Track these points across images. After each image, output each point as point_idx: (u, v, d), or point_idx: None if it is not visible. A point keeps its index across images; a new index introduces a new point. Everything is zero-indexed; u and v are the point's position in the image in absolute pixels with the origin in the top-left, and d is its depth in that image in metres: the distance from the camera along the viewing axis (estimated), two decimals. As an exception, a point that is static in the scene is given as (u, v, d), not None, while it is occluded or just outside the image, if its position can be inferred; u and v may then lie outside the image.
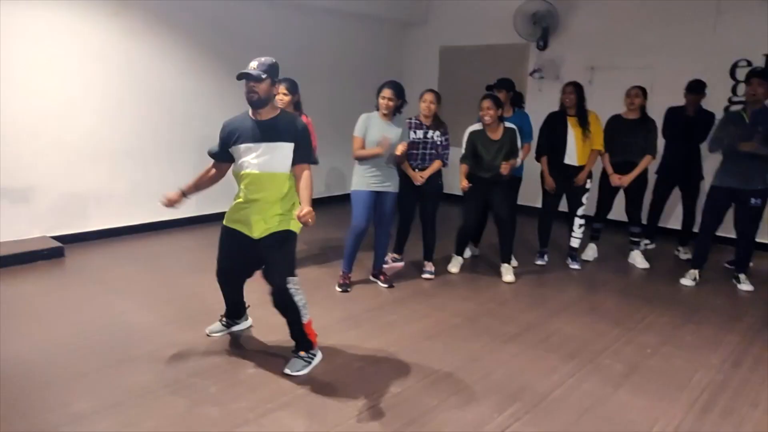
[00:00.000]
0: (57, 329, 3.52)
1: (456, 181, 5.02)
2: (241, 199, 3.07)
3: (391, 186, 4.37)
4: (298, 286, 3.04)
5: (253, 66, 2.91)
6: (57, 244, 4.92)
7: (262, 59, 2.94)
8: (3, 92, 4.69)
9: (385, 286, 4.47)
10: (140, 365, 3.12)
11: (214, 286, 3.36)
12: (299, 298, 3.04)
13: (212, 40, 6.05)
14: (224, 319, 3.55)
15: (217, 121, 6.44)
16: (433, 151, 4.60)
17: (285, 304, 3.03)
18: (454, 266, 4.92)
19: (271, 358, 3.23)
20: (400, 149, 4.19)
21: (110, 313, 3.77)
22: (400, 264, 5.01)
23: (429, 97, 4.53)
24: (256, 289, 3.44)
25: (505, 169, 4.47)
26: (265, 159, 2.96)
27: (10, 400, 2.71)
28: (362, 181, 4.32)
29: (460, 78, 7.65)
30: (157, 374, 3.02)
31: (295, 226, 3.04)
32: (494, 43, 7.37)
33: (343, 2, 6.69)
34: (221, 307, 3.52)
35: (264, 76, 2.88)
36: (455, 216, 4.98)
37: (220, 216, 3.30)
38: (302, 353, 3.13)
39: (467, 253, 5.24)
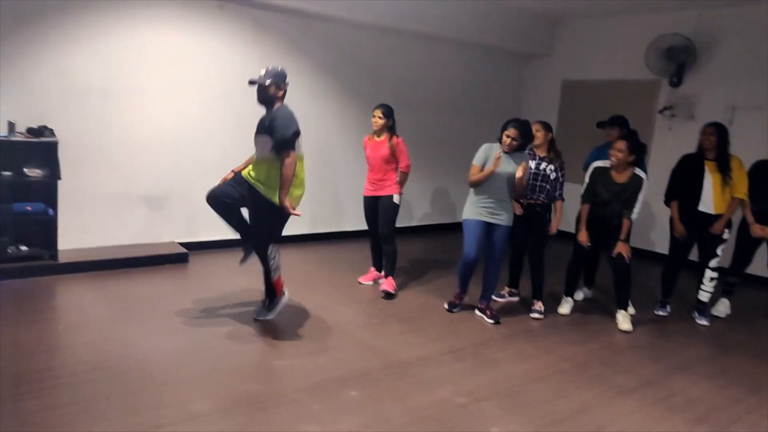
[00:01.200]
0: (176, 330, 3.76)
1: (571, 218, 4.81)
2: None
3: (503, 219, 4.26)
4: (274, 252, 3.83)
5: (261, 74, 3.64)
6: (183, 250, 5.32)
7: (270, 67, 3.67)
8: (155, 108, 5.20)
9: (491, 321, 4.33)
10: (250, 374, 3.25)
11: (321, 304, 3.43)
12: (272, 262, 3.83)
13: (336, 66, 6.32)
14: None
15: (336, 149, 6.99)
16: (544, 184, 4.46)
17: (262, 258, 3.85)
18: (564, 307, 4.67)
19: (374, 383, 3.22)
20: (519, 171, 4.12)
21: (224, 321, 3.98)
22: (515, 299, 4.89)
23: (535, 126, 4.45)
24: (361, 323, 3.46)
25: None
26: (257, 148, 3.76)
27: (130, 393, 2.91)
28: (473, 210, 4.28)
29: (582, 113, 7.37)
30: (265, 386, 3.12)
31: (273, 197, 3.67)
32: (621, 78, 7.04)
33: (468, 33, 6.73)
34: (331, 325, 3.58)
35: (268, 82, 3.61)
36: (568, 254, 4.73)
37: (330, 235, 3.38)
38: (268, 303, 3.99)
39: (579, 294, 4.97)
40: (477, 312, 4.48)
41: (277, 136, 3.54)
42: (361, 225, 7.02)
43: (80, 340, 3.48)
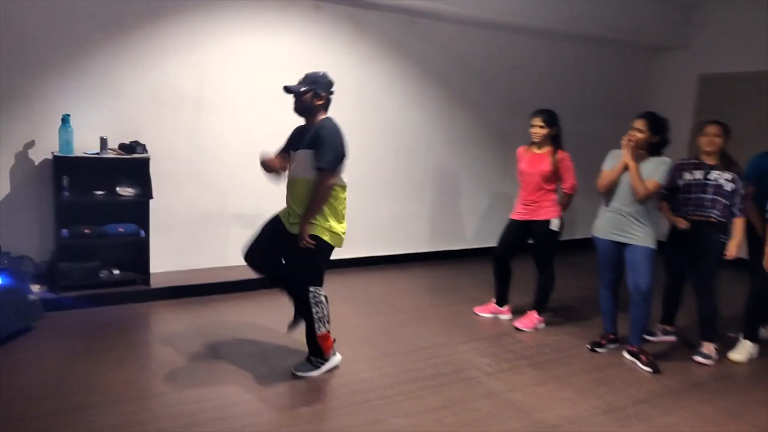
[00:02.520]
0: (275, 373, 3.24)
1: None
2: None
3: (636, 237, 3.46)
4: (319, 298, 3.12)
5: (300, 80, 3.14)
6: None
7: (309, 73, 3.14)
8: (246, 119, 4.79)
9: (649, 370, 3.50)
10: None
11: (436, 342, 2.78)
12: (316, 310, 3.12)
13: (441, 68, 5.69)
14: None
15: (440, 154, 6.26)
16: (717, 197, 3.58)
17: (304, 307, 3.17)
18: (740, 353, 3.74)
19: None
20: (626, 159, 3.47)
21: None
22: (671, 338, 4.03)
23: (712, 129, 3.64)
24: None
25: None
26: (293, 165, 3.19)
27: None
28: (599, 225, 3.67)
29: (723, 112, 6.28)
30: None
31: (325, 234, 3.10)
32: (775, 68, 5.94)
33: (587, 27, 5.91)
34: (452, 370, 2.91)
35: (304, 89, 3.08)
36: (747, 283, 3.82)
37: (441, 255, 2.73)
38: (312, 358, 3.25)
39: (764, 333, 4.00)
40: (627, 355, 3.67)
41: (326, 152, 2.96)
42: (474, 244, 6.30)
43: (173, 385, 3.03)
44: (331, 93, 3.15)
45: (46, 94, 4.11)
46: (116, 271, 4.28)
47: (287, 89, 3.07)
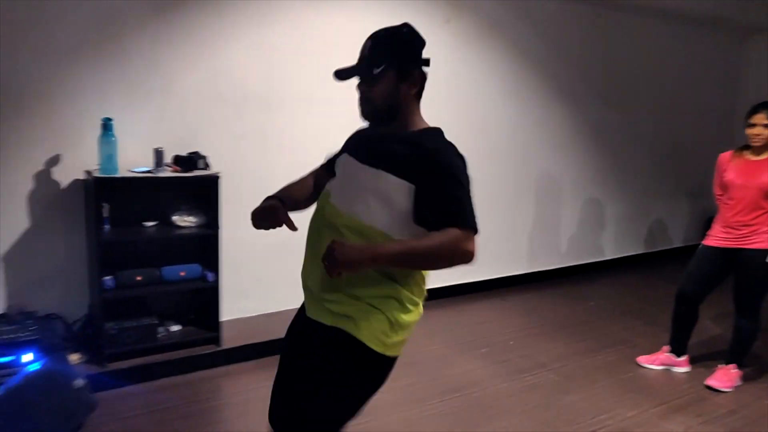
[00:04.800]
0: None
1: None
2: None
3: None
4: None
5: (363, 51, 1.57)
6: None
7: (379, 32, 1.58)
8: (323, 119, 3.75)
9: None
10: None
11: (602, 406, 1.85)
12: None
13: (537, 52, 4.70)
14: None
15: (536, 154, 4.94)
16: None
17: None
18: None
19: None
20: None
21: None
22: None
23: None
24: None
25: None
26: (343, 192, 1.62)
27: None
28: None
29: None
30: None
31: (379, 342, 1.53)
32: None
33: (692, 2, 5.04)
34: None
35: (378, 70, 1.51)
36: None
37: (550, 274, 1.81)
38: None
39: None
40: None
41: (458, 194, 1.47)
42: (568, 261, 5.41)
43: None
44: (426, 67, 1.58)
45: (74, 93, 2.99)
46: (175, 328, 3.22)
47: (341, 74, 1.57)
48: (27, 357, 2.58)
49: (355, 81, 1.60)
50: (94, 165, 2.94)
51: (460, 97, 4.35)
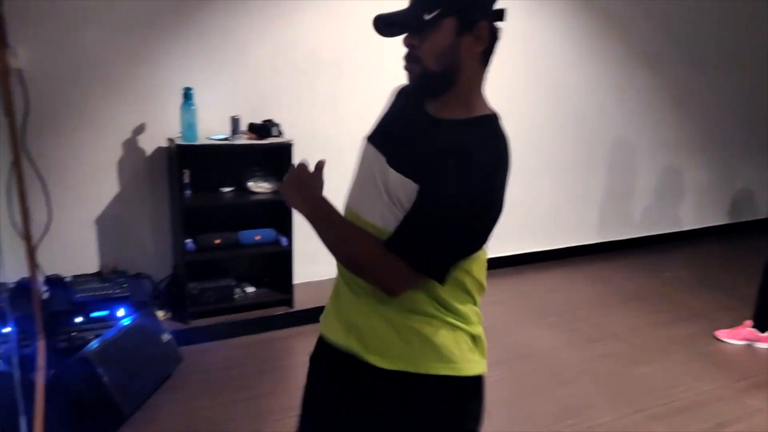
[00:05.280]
0: None
1: None
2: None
3: None
4: None
5: None
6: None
7: None
8: (386, 89, 3.75)
9: None
10: None
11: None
12: None
13: (621, 12, 4.47)
14: None
15: (613, 122, 4.68)
16: None
17: None
18: None
19: None
20: None
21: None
22: None
23: None
24: None
25: None
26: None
27: None
28: None
29: None
30: None
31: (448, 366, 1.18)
32: None
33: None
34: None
35: (431, 15, 1.08)
36: None
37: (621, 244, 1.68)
38: None
39: None
40: None
41: (434, 223, 1.08)
42: (643, 231, 5.21)
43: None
44: (498, 22, 1.15)
45: (156, 62, 3.13)
46: (250, 290, 3.38)
47: (383, 23, 1.14)
48: (120, 312, 2.78)
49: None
50: (175, 133, 3.09)
51: (530, 57, 4.20)
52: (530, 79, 4.23)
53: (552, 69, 4.32)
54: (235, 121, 3.11)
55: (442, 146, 1.09)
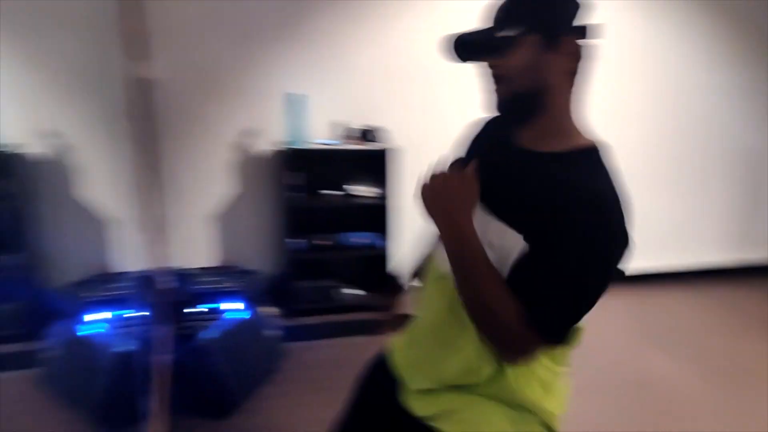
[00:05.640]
0: None
1: None
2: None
3: None
4: None
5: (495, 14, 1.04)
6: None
7: None
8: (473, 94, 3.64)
9: None
10: None
11: None
12: None
13: (746, 8, 4.03)
14: None
15: (742, 127, 4.28)
16: None
17: None
18: None
19: None
20: None
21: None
22: None
23: None
24: None
25: None
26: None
27: None
28: None
29: None
30: None
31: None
32: None
33: None
34: None
35: (515, 33, 0.98)
36: None
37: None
38: None
39: None
40: None
41: (567, 280, 0.94)
42: None
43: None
44: (583, 39, 1.02)
45: (266, 70, 3.30)
46: (352, 292, 3.45)
47: (462, 45, 1.05)
48: (235, 305, 2.95)
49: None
50: (284, 137, 3.23)
51: (647, 58, 3.91)
52: (648, 81, 3.96)
53: (668, 68, 4.01)
54: (339, 127, 3.19)
55: (555, 193, 0.96)
